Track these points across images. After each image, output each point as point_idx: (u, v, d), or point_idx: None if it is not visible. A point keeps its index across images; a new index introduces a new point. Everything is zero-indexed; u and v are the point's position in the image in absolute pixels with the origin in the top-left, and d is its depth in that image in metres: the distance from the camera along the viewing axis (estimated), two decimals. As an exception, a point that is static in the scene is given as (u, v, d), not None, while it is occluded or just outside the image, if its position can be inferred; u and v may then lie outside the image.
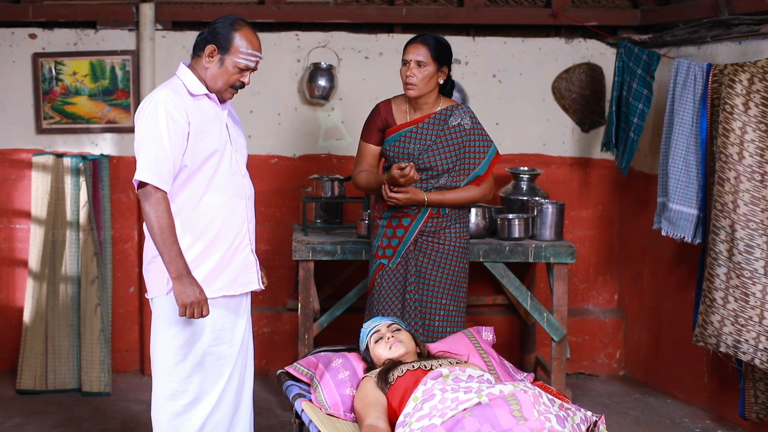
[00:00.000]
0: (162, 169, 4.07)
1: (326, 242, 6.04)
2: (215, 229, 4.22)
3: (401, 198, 5.05)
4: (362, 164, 5.28)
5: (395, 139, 5.17)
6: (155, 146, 4.07)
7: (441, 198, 5.14)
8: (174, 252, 4.08)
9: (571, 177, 7.01)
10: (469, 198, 5.21)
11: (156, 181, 4.06)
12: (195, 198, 4.20)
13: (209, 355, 4.29)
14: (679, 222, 5.85)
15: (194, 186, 4.19)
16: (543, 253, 6.09)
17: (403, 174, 4.95)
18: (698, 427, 5.92)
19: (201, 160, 4.18)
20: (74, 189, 6.44)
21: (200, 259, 4.22)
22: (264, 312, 6.81)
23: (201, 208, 4.21)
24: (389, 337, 4.43)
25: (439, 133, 5.14)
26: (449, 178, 5.16)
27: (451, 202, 5.17)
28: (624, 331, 7.02)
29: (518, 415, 3.56)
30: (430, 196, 5.11)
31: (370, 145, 5.26)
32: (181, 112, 4.11)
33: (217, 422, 4.33)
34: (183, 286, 4.08)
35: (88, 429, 5.74)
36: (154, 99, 4.14)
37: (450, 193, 5.16)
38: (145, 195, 4.08)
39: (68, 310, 6.42)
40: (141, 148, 4.10)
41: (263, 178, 6.79)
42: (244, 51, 4.19)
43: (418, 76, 5.03)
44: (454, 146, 5.15)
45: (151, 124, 4.09)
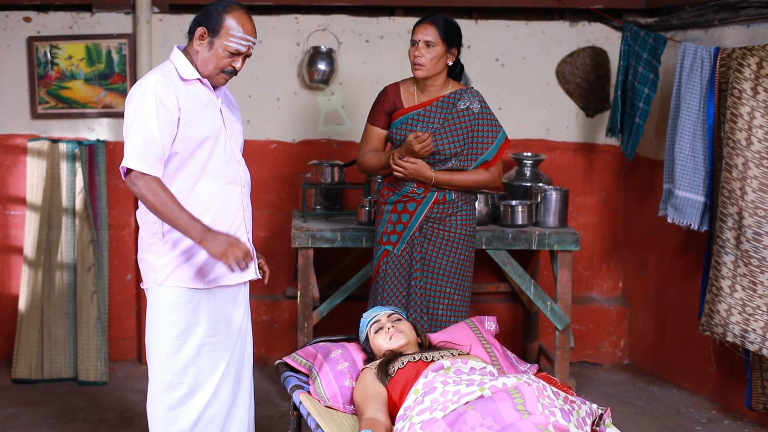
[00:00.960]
0: (150, 154, 3.96)
1: (326, 229, 5.94)
2: (210, 218, 4.11)
3: (409, 168, 4.94)
4: (368, 148, 5.19)
5: (402, 123, 5.07)
6: (143, 132, 3.96)
7: (449, 178, 5.03)
8: (186, 219, 3.96)
9: (575, 163, 6.91)
10: (477, 181, 5.10)
11: (145, 168, 3.95)
12: (187, 186, 4.09)
13: (205, 346, 4.19)
14: (685, 209, 5.75)
15: (187, 173, 4.08)
16: (547, 240, 5.98)
17: (420, 140, 4.85)
18: (704, 418, 5.82)
19: (193, 146, 4.07)
20: (70, 175, 6.34)
21: (195, 249, 4.11)
22: (263, 300, 6.72)
23: (194, 196, 4.09)
24: (389, 328, 4.33)
25: (447, 117, 5.04)
26: (456, 162, 5.05)
27: (458, 184, 5.06)
28: (628, 319, 6.92)
29: (522, 408, 3.46)
30: (437, 175, 5.00)
31: (376, 128, 5.16)
32: (171, 97, 4.00)
33: (213, 414, 4.24)
34: (209, 243, 3.96)
35: (83, 419, 5.65)
36: (143, 84, 4.03)
37: (458, 175, 5.06)
38: (133, 181, 3.97)
39: (64, 297, 6.33)
40: (129, 134, 4.00)
41: (262, 163, 6.69)
42: (234, 34, 4.05)
43: (426, 57, 4.93)
44: (462, 130, 5.04)
45: (139, 109, 3.98)
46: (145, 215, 4.14)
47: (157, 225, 4.10)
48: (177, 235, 4.08)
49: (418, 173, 4.98)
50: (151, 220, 4.11)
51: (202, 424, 4.21)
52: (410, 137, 4.88)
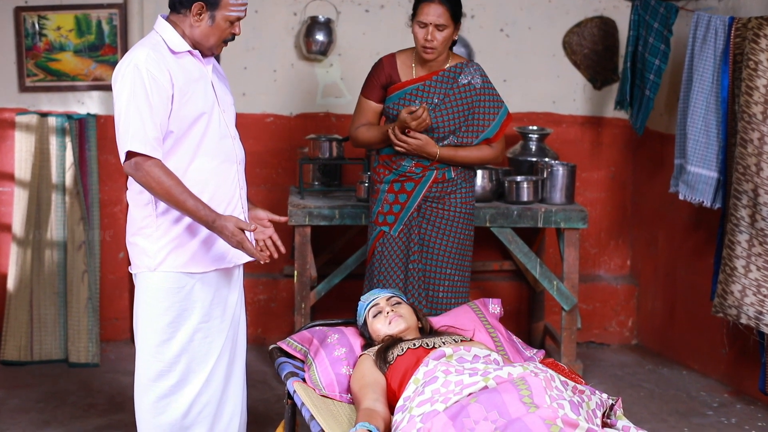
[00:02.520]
0: (150, 136, 3.73)
1: (324, 206, 5.73)
2: (206, 198, 3.88)
3: (412, 143, 4.74)
4: (360, 122, 4.97)
5: (399, 97, 4.85)
6: (140, 113, 3.73)
7: (452, 155, 4.83)
8: (192, 205, 3.77)
9: (582, 137, 6.70)
10: (481, 157, 4.90)
11: (148, 150, 3.73)
12: (182, 165, 3.86)
13: (199, 332, 3.99)
14: (697, 185, 5.53)
15: (181, 153, 3.86)
16: (553, 217, 5.78)
17: (415, 116, 4.64)
18: (716, 401, 5.63)
19: (187, 124, 3.85)
20: (60, 150, 6.14)
21: (190, 232, 3.91)
22: (259, 278, 6.53)
23: (190, 176, 3.87)
24: (389, 312, 4.12)
25: (447, 92, 4.83)
26: (455, 139, 4.84)
27: (462, 160, 4.86)
28: (637, 298, 6.72)
29: (528, 401, 3.25)
30: (441, 151, 4.80)
31: (370, 102, 4.94)
32: (164, 72, 3.77)
33: (205, 403, 4.04)
34: (220, 229, 3.77)
35: (73, 403, 5.47)
36: (133, 60, 3.78)
37: (462, 151, 4.85)
38: (136, 166, 3.74)
39: (54, 277, 6.13)
40: (124, 116, 3.75)
41: (258, 138, 6.49)
42: (233, 2, 3.85)
43: (438, 39, 4.71)
44: (462, 106, 4.83)
45: (132, 89, 3.74)
46: (137, 196, 3.92)
47: (150, 206, 3.89)
48: (171, 218, 3.87)
49: (422, 149, 4.77)
50: (143, 201, 3.90)
51: (193, 413, 4.02)
52: (404, 114, 4.67)
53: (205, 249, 3.95)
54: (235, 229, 3.78)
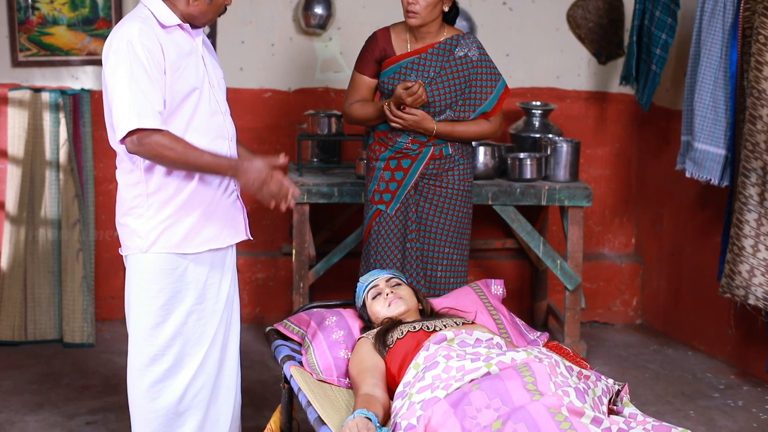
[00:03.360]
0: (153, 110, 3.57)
1: (322, 183, 5.61)
2: (199, 175, 3.76)
3: (408, 119, 4.62)
4: (354, 98, 4.85)
5: (394, 71, 4.72)
6: (143, 87, 3.57)
7: (450, 130, 4.71)
8: (211, 160, 3.64)
9: (586, 112, 6.57)
10: (479, 132, 4.78)
11: (154, 124, 3.56)
12: None
13: (193, 314, 3.86)
14: (705, 163, 5.40)
15: (173, 129, 3.69)
16: (557, 195, 5.66)
17: (411, 92, 4.52)
18: (722, 383, 5.52)
19: (178, 100, 3.70)
20: (53, 126, 6.01)
21: (183, 211, 3.76)
22: (258, 257, 6.41)
23: None
24: (388, 293, 4.01)
25: (443, 65, 4.70)
26: (451, 113, 4.72)
27: (460, 135, 4.74)
28: (641, 277, 6.60)
29: (532, 388, 3.14)
30: (439, 127, 4.68)
31: (364, 77, 4.82)
32: (157, 46, 3.62)
33: (200, 387, 3.92)
34: (243, 174, 3.65)
35: (67, 385, 5.37)
36: (125, 35, 3.62)
37: (459, 126, 4.73)
38: (140, 141, 3.57)
39: (48, 255, 6.02)
40: (127, 93, 3.58)
41: (256, 113, 6.36)
42: None
43: (421, 4, 4.57)
44: (459, 79, 4.70)
45: (129, 65, 3.58)
46: (127, 175, 3.77)
47: (141, 186, 3.75)
48: (163, 197, 3.73)
49: (418, 125, 4.65)
50: (134, 180, 3.76)
51: (188, 397, 3.90)
52: (399, 90, 4.55)
53: (199, 228, 3.83)
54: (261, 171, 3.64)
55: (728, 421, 5.02)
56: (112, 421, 4.90)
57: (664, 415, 5.04)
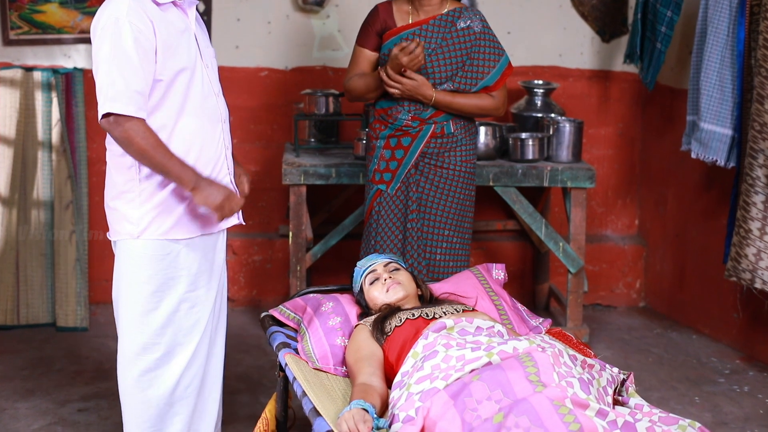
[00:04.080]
0: (134, 95, 3.47)
1: (320, 164, 5.49)
2: (192, 159, 3.63)
3: (407, 84, 4.49)
4: (355, 72, 4.75)
5: (394, 43, 4.59)
6: (124, 70, 3.46)
7: (450, 100, 4.58)
8: (176, 166, 3.53)
9: (589, 91, 6.44)
10: (480, 106, 4.65)
11: (132, 110, 3.46)
12: (168, 124, 3.60)
13: (185, 302, 3.75)
14: (711, 143, 5.28)
15: (166, 110, 3.59)
16: (559, 176, 5.54)
17: (406, 51, 4.40)
18: (727, 368, 5.41)
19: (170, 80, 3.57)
20: (45, 106, 5.89)
21: (176, 196, 3.65)
22: (254, 239, 6.30)
23: (176, 135, 3.61)
24: (386, 278, 3.89)
25: (445, 36, 4.58)
26: (451, 84, 4.59)
27: (459, 107, 4.61)
28: (645, 259, 6.49)
29: (535, 379, 3.03)
30: (438, 95, 4.55)
31: (365, 51, 4.70)
32: (147, 25, 3.49)
33: (193, 375, 3.81)
34: (203, 191, 3.56)
35: (59, 370, 5.26)
36: (114, 13, 3.50)
37: (460, 97, 4.61)
38: (118, 124, 3.47)
39: (41, 237, 5.90)
40: (106, 74, 3.48)
41: (252, 92, 6.23)
42: None
43: None
44: (460, 51, 4.59)
45: (115, 44, 3.46)
46: (119, 158, 3.65)
47: (134, 170, 3.62)
48: (155, 181, 3.62)
49: (417, 90, 4.53)
50: (126, 164, 3.63)
51: (181, 386, 3.79)
52: (395, 50, 4.43)
53: (192, 213, 3.71)
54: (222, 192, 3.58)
55: (734, 407, 4.91)
56: (104, 408, 4.80)
57: (669, 401, 4.94)
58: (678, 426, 3.06)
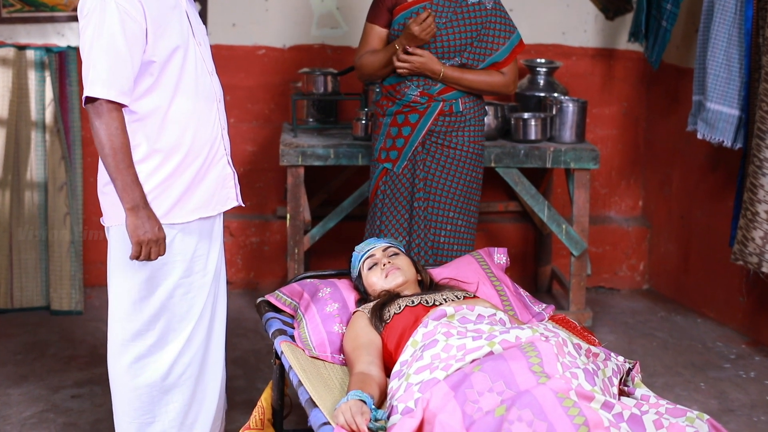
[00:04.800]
0: (118, 80, 3.35)
1: (318, 145, 5.38)
2: (188, 142, 3.53)
3: (415, 61, 4.40)
4: (366, 49, 4.65)
5: (405, 18, 4.50)
6: (108, 52, 3.33)
7: (459, 76, 4.49)
8: (129, 178, 3.39)
9: (593, 70, 6.32)
10: (490, 83, 4.56)
11: (114, 95, 3.34)
12: (162, 106, 3.48)
13: (179, 288, 3.65)
14: (717, 124, 5.16)
15: (161, 91, 3.48)
16: (562, 157, 5.43)
17: (418, 20, 4.31)
18: (733, 353, 5.32)
19: (163, 60, 3.45)
20: (39, 85, 5.77)
21: (172, 179, 3.54)
22: (251, 220, 6.20)
23: (171, 117, 3.50)
24: (385, 264, 3.79)
25: (456, 11, 4.49)
26: (460, 59, 4.50)
27: (468, 84, 4.51)
28: (649, 241, 6.39)
29: (538, 369, 2.93)
30: (446, 70, 4.46)
31: (376, 27, 4.60)
32: (135, 5, 3.37)
33: (187, 363, 3.72)
34: (139, 219, 3.40)
35: (53, 355, 5.17)
36: None
37: (469, 73, 4.51)
38: (98, 110, 3.35)
39: (34, 220, 5.80)
40: (91, 56, 3.36)
41: (249, 71, 6.12)
42: None
43: None
44: (471, 26, 4.50)
45: (100, 24, 3.34)
46: None
47: None
48: (150, 166, 3.50)
49: (425, 66, 4.44)
50: None
51: (174, 374, 3.69)
52: (410, 22, 4.34)
53: (188, 197, 3.60)
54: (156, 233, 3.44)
55: (740, 393, 4.82)
56: (98, 395, 4.70)
57: (674, 387, 4.85)
58: (686, 418, 2.96)
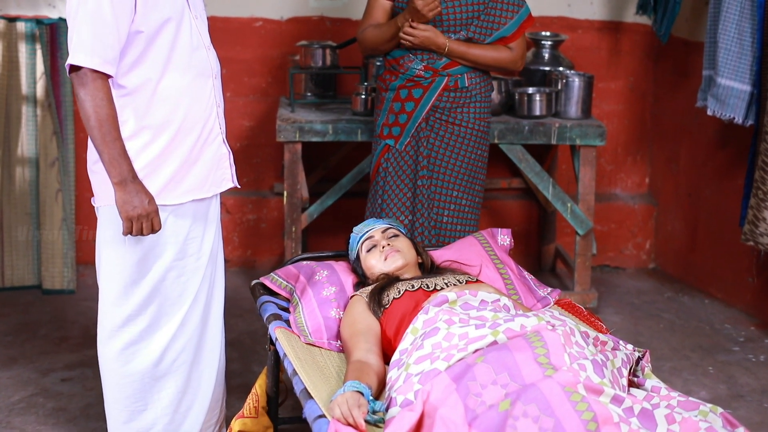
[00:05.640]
0: (102, 48, 3.22)
1: (316, 120, 5.22)
2: (179, 119, 3.40)
3: (419, 35, 4.25)
4: (369, 23, 4.49)
5: None
6: (94, 19, 3.20)
7: (464, 51, 4.33)
8: (116, 151, 3.26)
9: (599, 44, 6.14)
10: (497, 59, 4.40)
11: (97, 64, 3.21)
12: (152, 80, 3.35)
13: (172, 271, 3.52)
14: (728, 100, 4.99)
15: (149, 65, 3.34)
16: (568, 133, 5.27)
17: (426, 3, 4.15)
18: (742, 335, 5.18)
19: (153, 32, 3.33)
20: (29, 58, 5.61)
21: (162, 158, 3.41)
22: (248, 197, 6.05)
23: (161, 92, 3.37)
24: (384, 246, 3.64)
25: None
26: (466, 33, 4.33)
27: (474, 59, 4.36)
28: (655, 219, 6.23)
29: (544, 361, 2.79)
30: (451, 44, 4.30)
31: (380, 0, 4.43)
32: None
33: (180, 349, 3.59)
34: (128, 194, 3.28)
35: (44, 336, 5.04)
36: None
37: (475, 48, 4.36)
38: (82, 80, 3.23)
39: (26, 196, 5.65)
40: (75, 23, 3.24)
41: (246, 44, 5.95)
42: None
43: None
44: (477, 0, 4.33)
45: None
46: None
47: None
48: (140, 143, 3.37)
49: (429, 41, 4.29)
50: None
51: (167, 360, 3.57)
52: None
53: (180, 177, 3.47)
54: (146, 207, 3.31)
55: (750, 378, 4.68)
56: (89, 378, 4.57)
57: (682, 371, 4.71)
58: (699, 411, 2.82)
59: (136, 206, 3.29)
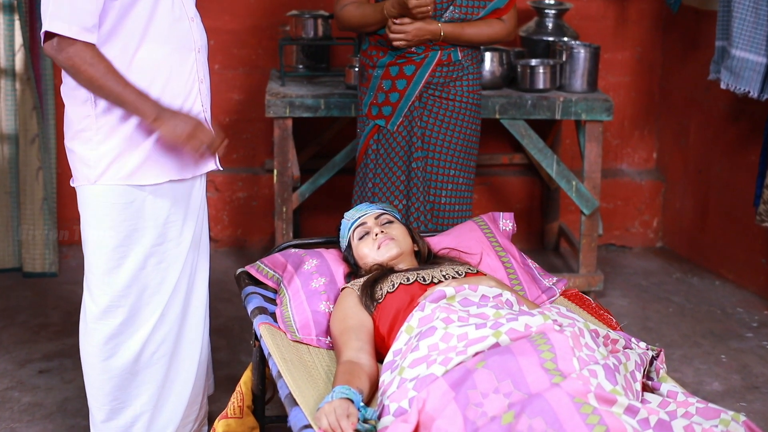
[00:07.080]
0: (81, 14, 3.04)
1: (307, 95, 4.96)
2: (156, 93, 3.19)
3: (410, 30, 3.97)
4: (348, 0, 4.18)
5: None
6: None
7: (459, 32, 4.07)
8: (133, 94, 3.13)
9: (605, 12, 5.87)
10: (491, 35, 4.14)
11: (75, 32, 3.04)
12: (127, 52, 3.16)
13: (151, 257, 3.33)
14: (743, 72, 4.72)
15: (124, 36, 3.14)
16: (573, 108, 5.01)
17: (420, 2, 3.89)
18: (755, 320, 4.94)
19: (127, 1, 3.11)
20: (7, 30, 5.35)
21: (138, 136, 3.21)
22: (238, 174, 5.80)
23: (136, 65, 3.17)
24: (378, 233, 3.39)
25: None
26: (459, 10, 4.06)
27: (469, 38, 4.10)
28: (663, 195, 5.98)
29: (551, 366, 2.54)
30: (445, 28, 4.03)
31: None
32: None
33: (160, 341, 3.40)
34: (170, 121, 3.16)
35: (23, 323, 4.80)
36: None
37: (469, 27, 4.09)
38: (59, 47, 3.07)
39: (5, 175, 5.41)
40: None
41: (235, 13, 5.70)
42: None
43: None
44: None
45: None
46: (73, 91, 3.22)
47: (89, 104, 3.19)
48: (115, 117, 3.18)
49: (422, 31, 4.00)
50: (81, 97, 3.20)
51: (147, 353, 3.39)
52: None
53: (157, 156, 3.26)
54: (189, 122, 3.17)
55: (764, 367, 4.45)
56: (68, 369, 4.34)
57: (693, 360, 4.48)
58: (720, 420, 2.57)
59: (183, 126, 3.18)
